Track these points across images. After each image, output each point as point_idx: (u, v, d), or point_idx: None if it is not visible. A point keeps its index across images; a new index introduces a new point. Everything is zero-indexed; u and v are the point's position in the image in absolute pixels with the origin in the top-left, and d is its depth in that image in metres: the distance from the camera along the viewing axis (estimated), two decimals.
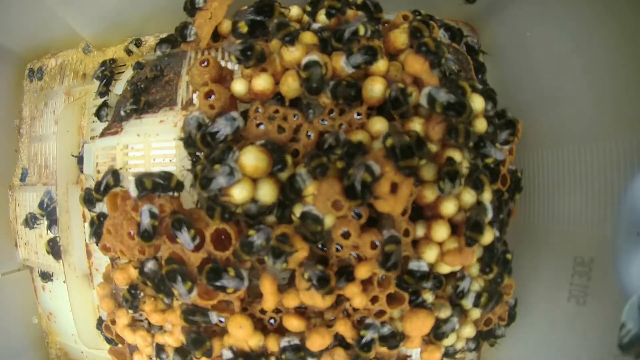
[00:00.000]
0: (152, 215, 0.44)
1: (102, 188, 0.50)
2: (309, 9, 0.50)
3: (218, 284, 0.42)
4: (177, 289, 0.43)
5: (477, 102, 0.47)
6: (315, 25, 0.48)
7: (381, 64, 0.45)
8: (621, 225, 0.50)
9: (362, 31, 0.44)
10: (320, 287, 0.42)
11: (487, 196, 0.47)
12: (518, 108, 0.57)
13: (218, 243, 0.44)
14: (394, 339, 0.46)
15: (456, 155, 0.44)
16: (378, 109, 0.45)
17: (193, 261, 0.44)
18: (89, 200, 0.56)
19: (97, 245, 0.50)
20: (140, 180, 0.44)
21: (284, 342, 0.45)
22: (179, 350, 0.49)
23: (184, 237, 0.43)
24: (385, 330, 0.45)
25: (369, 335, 0.44)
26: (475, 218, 0.44)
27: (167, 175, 0.44)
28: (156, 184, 0.44)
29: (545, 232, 0.60)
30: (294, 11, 0.52)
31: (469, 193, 0.45)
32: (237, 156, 0.40)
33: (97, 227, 0.53)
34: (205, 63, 0.46)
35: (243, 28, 0.48)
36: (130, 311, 0.50)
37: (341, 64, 0.44)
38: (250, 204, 0.41)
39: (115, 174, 0.50)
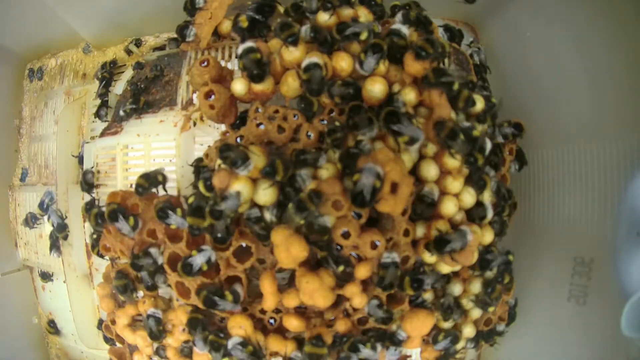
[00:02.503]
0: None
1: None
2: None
3: (218, 306, 0.43)
4: (121, 228, 0.44)
5: (477, 103, 0.47)
6: (304, 28, 0.46)
7: (382, 67, 0.45)
8: (621, 225, 0.50)
9: (364, 36, 0.44)
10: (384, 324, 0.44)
11: (487, 196, 0.47)
12: (518, 108, 0.57)
13: None
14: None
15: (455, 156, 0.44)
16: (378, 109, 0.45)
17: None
18: (87, 183, 0.58)
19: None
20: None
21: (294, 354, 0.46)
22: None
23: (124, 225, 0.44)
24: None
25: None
26: (446, 237, 0.42)
27: (198, 213, 0.42)
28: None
29: (545, 232, 0.60)
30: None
31: (469, 193, 0.45)
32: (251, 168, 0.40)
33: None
34: (205, 63, 0.46)
35: (244, 22, 0.48)
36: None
37: (357, 67, 0.44)
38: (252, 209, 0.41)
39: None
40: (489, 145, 0.47)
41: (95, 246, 0.52)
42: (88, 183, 0.59)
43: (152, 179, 0.46)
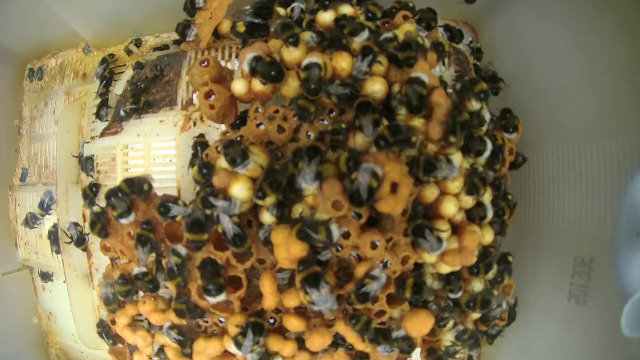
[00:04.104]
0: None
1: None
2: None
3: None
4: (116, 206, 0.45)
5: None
6: (308, 35, 0.46)
7: (381, 67, 0.45)
8: (621, 225, 0.50)
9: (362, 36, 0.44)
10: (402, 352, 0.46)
11: (487, 197, 0.47)
12: (518, 108, 0.57)
13: (218, 243, 0.45)
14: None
15: (455, 155, 0.44)
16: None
17: (194, 261, 0.44)
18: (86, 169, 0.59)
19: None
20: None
21: None
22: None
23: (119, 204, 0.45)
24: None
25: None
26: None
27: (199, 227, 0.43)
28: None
29: (545, 232, 0.60)
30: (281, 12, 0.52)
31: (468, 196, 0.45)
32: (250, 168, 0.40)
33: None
34: (205, 63, 0.46)
35: (241, 28, 0.48)
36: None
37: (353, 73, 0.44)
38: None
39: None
40: (489, 146, 0.47)
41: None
42: (87, 169, 0.59)
43: (135, 187, 0.46)
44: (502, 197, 0.54)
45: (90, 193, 0.55)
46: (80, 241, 0.62)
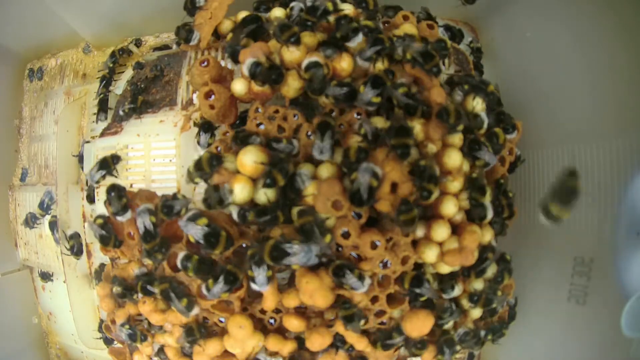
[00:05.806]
0: (151, 213, 0.44)
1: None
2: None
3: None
4: (175, 307, 0.44)
5: (476, 101, 0.47)
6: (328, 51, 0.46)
7: (380, 64, 0.45)
8: (621, 225, 0.50)
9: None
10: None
11: (487, 197, 0.47)
12: (518, 108, 0.57)
13: None
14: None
15: (455, 155, 0.44)
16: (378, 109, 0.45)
17: None
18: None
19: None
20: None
21: None
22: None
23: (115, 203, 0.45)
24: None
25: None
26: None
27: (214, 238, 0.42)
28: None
29: (545, 232, 0.60)
30: (278, 12, 0.52)
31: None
32: None
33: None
34: (205, 63, 0.46)
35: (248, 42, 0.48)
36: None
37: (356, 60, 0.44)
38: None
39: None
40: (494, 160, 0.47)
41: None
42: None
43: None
44: (502, 196, 0.53)
45: (110, 163, 0.53)
46: (79, 252, 0.62)
